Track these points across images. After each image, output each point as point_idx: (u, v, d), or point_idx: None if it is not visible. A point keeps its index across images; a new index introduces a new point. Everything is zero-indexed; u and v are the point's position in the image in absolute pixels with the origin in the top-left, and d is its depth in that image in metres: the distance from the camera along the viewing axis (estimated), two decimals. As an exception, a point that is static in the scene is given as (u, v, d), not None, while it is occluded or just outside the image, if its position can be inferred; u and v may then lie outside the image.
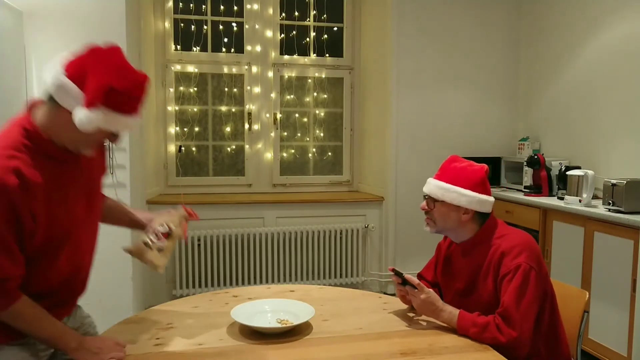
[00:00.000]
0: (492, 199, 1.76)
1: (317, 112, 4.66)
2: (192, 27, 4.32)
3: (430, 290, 1.69)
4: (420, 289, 1.67)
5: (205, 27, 4.36)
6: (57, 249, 1.38)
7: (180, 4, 4.29)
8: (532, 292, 1.58)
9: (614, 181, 2.92)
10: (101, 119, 1.25)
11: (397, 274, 1.74)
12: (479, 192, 1.72)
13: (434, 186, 1.77)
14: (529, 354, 1.61)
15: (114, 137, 1.35)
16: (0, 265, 1.24)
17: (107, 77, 1.24)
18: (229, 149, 4.48)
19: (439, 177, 1.78)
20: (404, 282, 1.73)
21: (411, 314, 1.78)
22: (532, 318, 1.59)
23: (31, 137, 1.29)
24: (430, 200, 1.78)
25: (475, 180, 1.74)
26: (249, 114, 4.45)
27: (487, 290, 1.68)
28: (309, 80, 4.62)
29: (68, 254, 1.42)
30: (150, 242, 1.56)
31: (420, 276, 2.02)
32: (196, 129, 4.39)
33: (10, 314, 1.30)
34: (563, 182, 3.47)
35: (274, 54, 4.48)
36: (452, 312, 1.65)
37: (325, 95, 4.66)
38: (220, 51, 4.39)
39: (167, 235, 1.59)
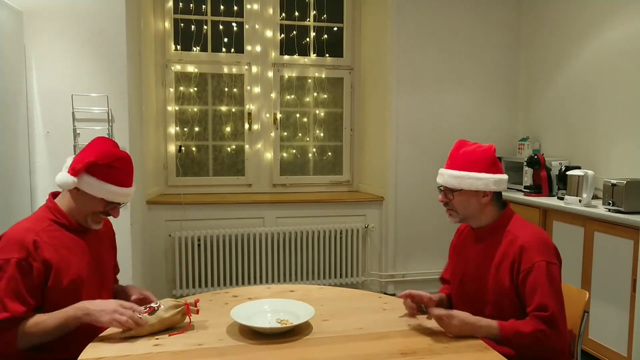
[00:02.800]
0: (506, 176, 1.77)
1: (317, 112, 4.66)
2: (192, 27, 4.32)
3: (453, 311, 1.60)
4: (445, 315, 1.58)
5: (205, 27, 4.35)
6: (71, 295, 1.63)
7: (180, 4, 4.29)
8: (560, 287, 1.62)
9: (614, 181, 2.92)
10: (85, 184, 1.65)
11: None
12: (493, 173, 1.73)
13: (448, 176, 1.75)
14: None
15: (111, 208, 1.73)
16: (8, 306, 1.51)
17: (89, 155, 1.66)
18: (229, 149, 4.48)
19: (451, 166, 1.77)
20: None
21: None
22: (564, 310, 1.62)
23: (54, 212, 1.71)
24: (448, 190, 1.77)
25: (487, 161, 1.75)
26: (249, 114, 4.45)
27: (499, 279, 1.67)
28: (309, 80, 4.62)
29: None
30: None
31: (442, 279, 2.02)
32: (196, 129, 4.39)
33: (21, 337, 1.53)
34: (563, 182, 3.47)
35: (274, 54, 4.48)
36: (490, 325, 1.58)
37: (325, 95, 4.66)
38: (220, 51, 4.39)
39: (152, 310, 1.61)
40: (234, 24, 4.40)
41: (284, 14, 4.50)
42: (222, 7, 4.36)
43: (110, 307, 1.56)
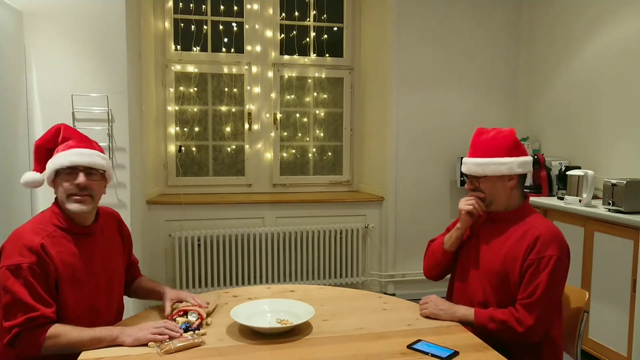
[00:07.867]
0: (530, 158, 1.80)
1: (317, 112, 4.66)
2: (192, 27, 4.32)
3: (429, 297, 1.80)
4: (423, 300, 1.81)
5: (205, 27, 4.35)
6: (77, 298, 1.63)
7: (180, 4, 4.29)
8: (559, 289, 1.65)
9: (614, 181, 2.92)
10: (51, 164, 1.66)
11: None
12: (516, 156, 1.76)
13: (471, 165, 1.80)
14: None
15: (74, 178, 1.66)
16: (33, 307, 1.50)
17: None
18: (229, 149, 4.48)
19: (473, 154, 1.81)
20: None
21: (411, 314, 1.79)
22: (552, 308, 1.64)
23: (58, 218, 1.67)
24: (473, 178, 1.81)
25: (508, 145, 1.77)
26: (249, 114, 4.45)
27: (507, 261, 1.70)
28: (309, 80, 4.62)
29: (86, 298, 1.67)
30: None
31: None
32: (196, 129, 4.39)
33: (49, 342, 1.50)
34: (563, 182, 3.47)
35: (274, 54, 4.48)
36: (467, 310, 1.72)
37: (325, 95, 4.66)
38: (220, 51, 4.39)
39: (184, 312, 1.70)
40: (234, 24, 4.40)
41: (284, 14, 4.50)
42: (222, 7, 4.36)
43: (147, 325, 1.57)
